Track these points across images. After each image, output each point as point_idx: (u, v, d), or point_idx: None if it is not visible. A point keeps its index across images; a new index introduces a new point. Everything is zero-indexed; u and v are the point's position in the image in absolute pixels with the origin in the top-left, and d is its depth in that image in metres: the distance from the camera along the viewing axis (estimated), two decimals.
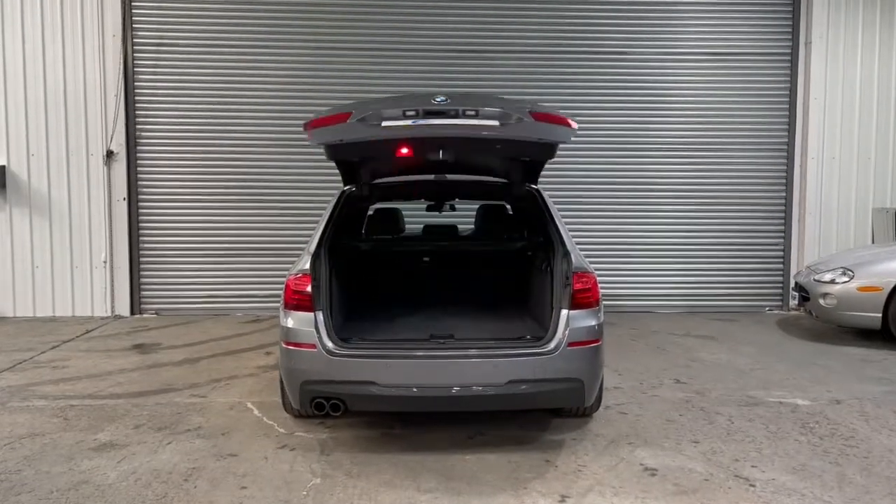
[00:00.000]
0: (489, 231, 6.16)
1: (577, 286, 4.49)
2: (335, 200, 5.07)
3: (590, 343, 4.47)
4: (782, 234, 10.34)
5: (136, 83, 9.72)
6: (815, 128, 10.11)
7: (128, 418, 5.37)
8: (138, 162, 9.80)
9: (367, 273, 6.09)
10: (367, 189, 5.28)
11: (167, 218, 9.88)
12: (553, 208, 5.04)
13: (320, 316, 4.44)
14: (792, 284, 9.24)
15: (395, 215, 6.26)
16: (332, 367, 4.34)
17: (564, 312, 4.46)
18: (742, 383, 6.40)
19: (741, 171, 10.28)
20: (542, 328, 4.81)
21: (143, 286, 9.90)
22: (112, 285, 9.72)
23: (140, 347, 7.90)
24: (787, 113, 10.21)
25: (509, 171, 5.40)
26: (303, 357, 4.40)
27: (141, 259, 9.87)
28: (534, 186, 5.31)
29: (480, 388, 4.30)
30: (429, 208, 6.45)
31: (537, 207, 5.10)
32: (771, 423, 5.27)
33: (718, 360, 7.29)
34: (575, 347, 4.40)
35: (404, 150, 4.36)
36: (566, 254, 4.61)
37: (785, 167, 10.29)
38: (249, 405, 5.68)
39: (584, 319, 4.49)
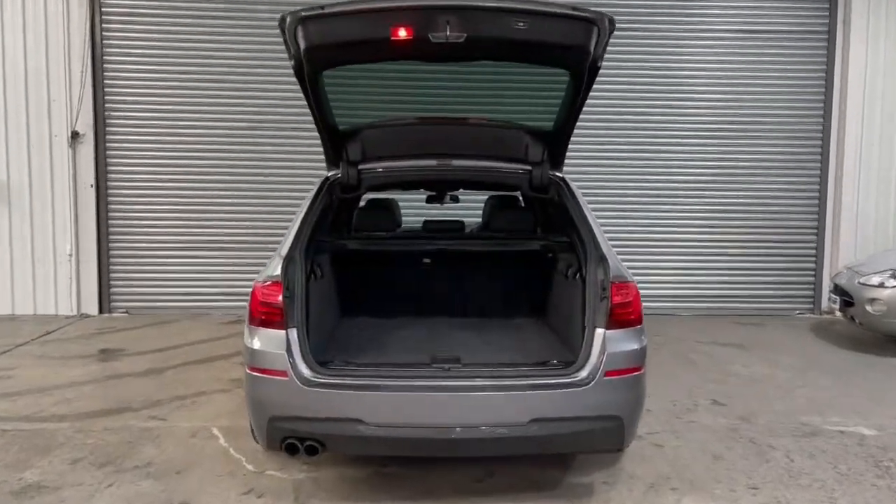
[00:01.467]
0: (501, 227, 5.22)
1: (616, 299, 3.60)
2: (315, 189, 4.15)
3: (631, 371, 3.58)
4: (815, 230, 9.45)
5: (104, 56, 8.75)
6: (853, 114, 9.19)
7: (66, 449, 4.47)
8: (107, 144, 8.86)
9: (355, 278, 5.18)
10: (355, 175, 4.32)
11: (140, 207, 8.95)
12: (583, 201, 4.13)
13: (294, 334, 3.55)
14: (829, 287, 8.35)
15: (390, 207, 5.34)
16: (307, 399, 3.45)
17: (600, 332, 3.57)
18: (790, 405, 5.53)
19: (770, 159, 9.37)
20: (570, 351, 3.93)
21: (112, 282, 8.98)
22: (78, 281, 8.81)
23: (101, 354, 7.00)
24: (822, 97, 9.30)
25: (529, 147, 4.40)
26: (271, 387, 3.51)
27: (111, 252, 8.96)
28: (558, 174, 4.38)
29: (495, 429, 3.42)
30: (429, 200, 5.55)
31: (563, 200, 4.18)
32: (839, 462, 4.40)
33: (756, 375, 6.41)
34: (613, 377, 3.52)
35: (402, 32, 3.39)
36: (602, 259, 3.72)
37: (819, 156, 9.39)
38: (216, 431, 4.80)
39: (625, 341, 3.60)
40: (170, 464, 4.26)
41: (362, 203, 5.49)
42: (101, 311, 8.89)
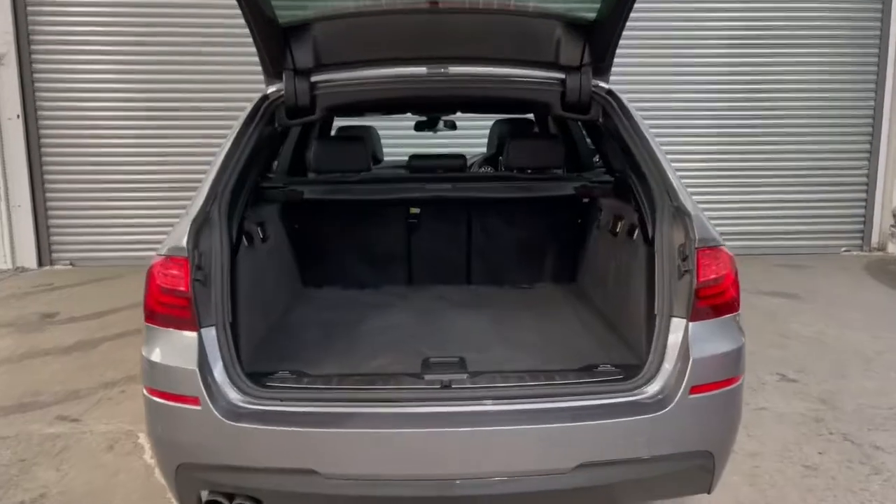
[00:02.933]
0: (517, 163, 3.84)
1: (706, 274, 2.35)
2: (246, 114, 2.80)
3: (726, 384, 2.36)
4: (867, 154, 8.16)
5: None
6: None
7: None
8: (34, 66, 7.48)
9: (317, 238, 3.91)
10: (306, 91, 2.89)
11: (79, 142, 7.62)
12: (643, 125, 2.79)
13: (212, 338, 2.32)
14: (892, 222, 7.12)
15: (363, 139, 3.97)
16: (233, 440, 2.24)
17: (680, 325, 2.35)
18: (880, 382, 4.38)
19: (816, 70, 8.01)
20: (624, 342, 2.72)
21: (52, 230, 7.72)
22: (10, 229, 7.52)
23: (25, 321, 5.77)
24: (879, 23, 7.94)
25: (561, 46, 2.96)
26: (178, 420, 2.30)
27: (48, 196, 7.67)
28: (603, 85, 3.01)
29: (521, 482, 2.23)
30: (418, 127, 4.21)
31: (613, 123, 2.83)
32: None
33: (822, 336, 5.25)
34: (702, 395, 2.30)
35: None
36: (680, 212, 2.45)
37: (876, 67, 8.03)
38: (141, 440, 3.63)
39: (718, 339, 2.37)
40: (67, 496, 3.10)
41: (324, 133, 4.15)
42: (40, 263, 7.66)
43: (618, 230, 3.08)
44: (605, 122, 2.93)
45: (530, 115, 5.04)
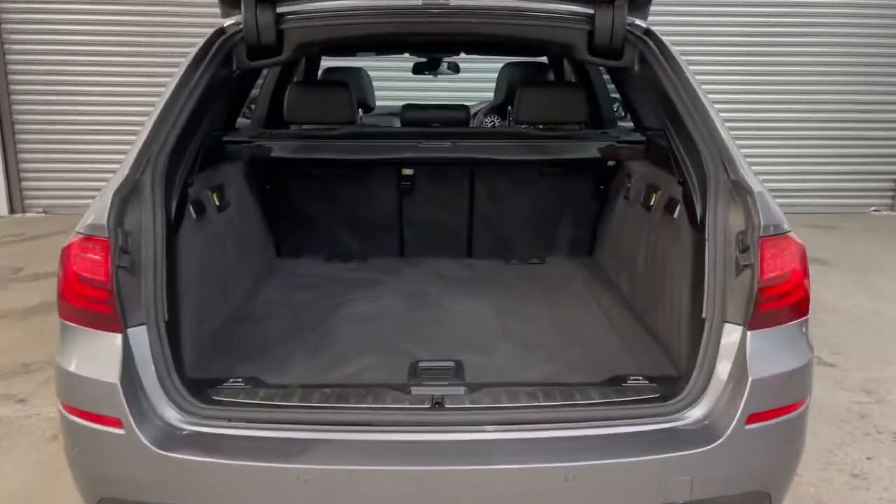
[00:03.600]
0: (530, 117, 3.24)
1: (771, 270, 1.84)
2: (195, 53, 2.23)
3: (791, 410, 1.88)
4: None
5: None
6: None
7: None
8: (2, 6, 6.93)
9: (288, 206, 3.37)
10: (270, 25, 2.29)
11: (52, 81, 7.01)
12: (693, 76, 2.22)
13: (141, 341, 1.83)
14: None
15: (348, 85, 3.34)
16: (166, 472, 1.77)
17: (735, 333, 1.85)
18: None
19: (846, 15, 7.31)
20: (663, 352, 2.23)
21: (24, 174, 7.20)
22: None
23: None
24: None
25: None
26: (98, 446, 1.83)
27: (17, 137, 7.14)
28: (641, 24, 2.42)
29: None
30: (416, 69, 3.62)
31: (652, 70, 2.26)
32: None
33: (858, 310, 4.78)
34: (762, 424, 1.82)
35: None
36: (739, 188, 1.93)
37: None
38: None
39: (784, 352, 1.88)
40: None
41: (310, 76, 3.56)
42: (11, 210, 7.18)
43: (652, 204, 2.55)
44: (641, 70, 2.36)
45: (545, 59, 4.43)
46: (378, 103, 4.92)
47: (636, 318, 2.60)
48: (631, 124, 3.39)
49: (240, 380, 2.03)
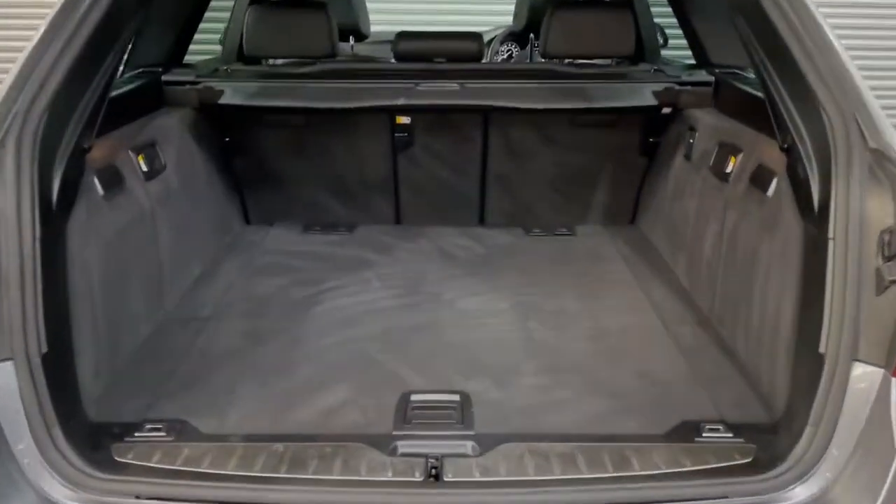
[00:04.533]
0: (562, 48, 2.54)
1: None
2: None
3: None
4: None
5: None
6: None
7: None
8: None
9: (256, 162, 2.70)
10: None
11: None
12: None
13: (6, 382, 1.27)
14: None
15: (325, 6, 2.60)
16: None
17: (871, 378, 1.27)
18: None
19: None
20: (752, 387, 1.66)
21: None
22: None
23: None
24: None
25: None
26: None
27: None
28: None
29: None
30: None
31: None
32: None
33: None
34: None
35: None
36: (884, 161, 1.30)
37: None
38: None
39: None
40: None
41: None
42: None
43: (729, 171, 1.91)
44: None
45: None
46: (376, 28, 4.21)
47: (702, 323, 1.99)
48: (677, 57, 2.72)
49: (160, 425, 1.46)
